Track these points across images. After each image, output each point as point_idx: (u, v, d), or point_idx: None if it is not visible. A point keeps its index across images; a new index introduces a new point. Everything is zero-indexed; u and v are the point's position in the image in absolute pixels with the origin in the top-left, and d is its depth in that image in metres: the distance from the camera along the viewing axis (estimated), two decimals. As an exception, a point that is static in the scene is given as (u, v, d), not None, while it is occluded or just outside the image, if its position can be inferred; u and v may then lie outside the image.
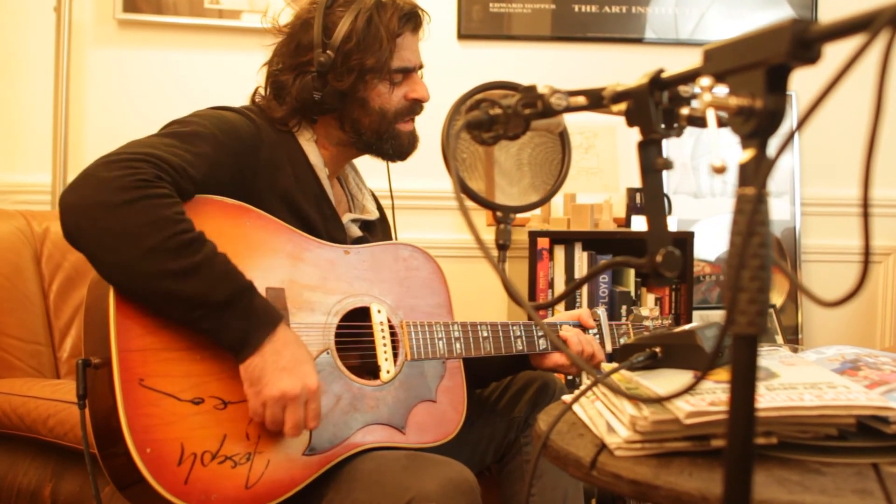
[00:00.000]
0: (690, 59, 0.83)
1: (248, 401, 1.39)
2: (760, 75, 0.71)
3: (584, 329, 1.87)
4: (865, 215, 0.70)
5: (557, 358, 1.82)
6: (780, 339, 3.04)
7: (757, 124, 0.72)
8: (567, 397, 1.28)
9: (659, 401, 1.04)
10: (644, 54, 3.18)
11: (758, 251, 0.70)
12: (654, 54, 3.17)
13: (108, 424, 1.32)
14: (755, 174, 0.71)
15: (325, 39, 1.66)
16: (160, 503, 1.30)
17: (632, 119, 0.93)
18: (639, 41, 3.17)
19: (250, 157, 1.58)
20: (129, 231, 1.32)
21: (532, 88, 0.99)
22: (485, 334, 1.73)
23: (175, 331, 1.38)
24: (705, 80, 0.76)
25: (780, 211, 3.14)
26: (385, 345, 1.63)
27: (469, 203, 1.16)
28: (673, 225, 2.81)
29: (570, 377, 2.61)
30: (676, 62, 0.88)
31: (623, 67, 3.11)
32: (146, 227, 1.32)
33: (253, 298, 1.39)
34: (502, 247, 1.24)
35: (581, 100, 0.97)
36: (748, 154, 0.72)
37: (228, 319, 1.36)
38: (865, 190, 0.68)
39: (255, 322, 1.38)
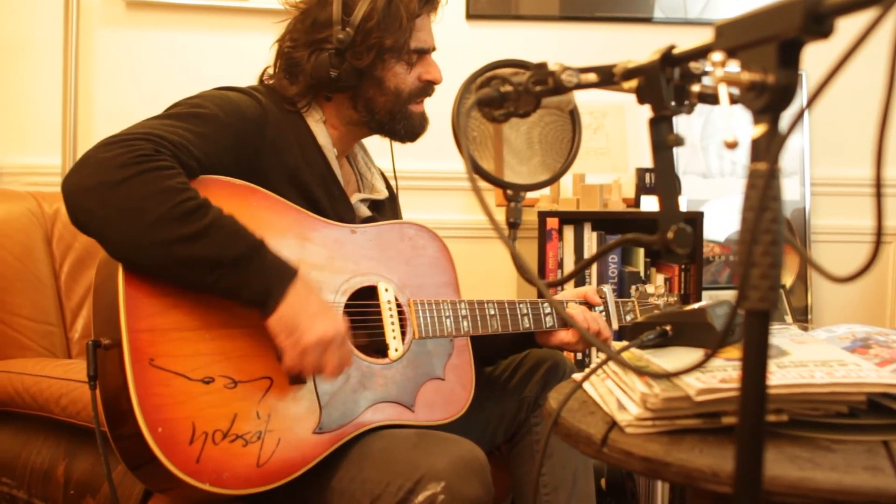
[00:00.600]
0: (699, 39, 0.83)
1: (286, 352, 1.41)
2: (773, 50, 0.71)
3: (590, 307, 1.87)
4: (878, 195, 0.70)
5: (563, 335, 1.82)
6: (789, 319, 3.04)
7: (769, 99, 0.71)
8: (577, 375, 1.28)
9: (669, 376, 1.04)
10: (653, 34, 3.16)
11: (770, 226, 0.70)
12: (663, 34, 3.15)
13: (119, 404, 1.33)
14: (767, 149, 0.71)
15: (344, 17, 1.65)
16: (172, 482, 1.31)
17: (643, 96, 0.93)
18: (647, 21, 3.16)
19: (255, 137, 1.58)
20: (134, 206, 1.32)
21: (543, 65, 0.99)
22: (492, 312, 1.74)
23: (184, 311, 1.39)
24: (717, 56, 0.76)
25: (789, 191, 3.13)
26: (393, 323, 1.64)
27: (479, 182, 1.16)
28: (682, 205, 2.80)
29: (579, 357, 2.62)
30: (685, 42, 0.88)
31: (631, 47, 3.09)
32: (150, 200, 1.32)
33: (266, 254, 1.40)
34: (513, 225, 1.24)
35: (592, 77, 0.97)
36: (760, 129, 0.72)
37: (246, 276, 1.37)
38: (878, 169, 0.68)
39: (274, 274, 1.40)
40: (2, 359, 2.06)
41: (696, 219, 2.65)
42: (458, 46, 2.85)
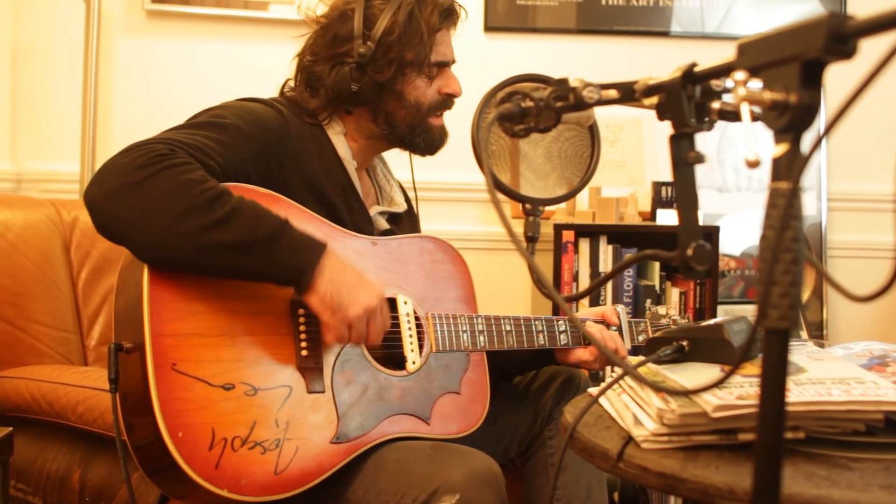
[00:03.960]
0: (717, 53, 0.83)
1: (331, 328, 1.44)
2: (795, 70, 0.72)
3: (608, 325, 1.87)
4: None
5: (581, 354, 1.83)
6: (804, 334, 3.03)
7: (791, 119, 0.72)
8: (593, 390, 1.29)
9: (688, 394, 1.04)
10: (670, 48, 3.16)
11: (791, 245, 0.71)
12: (680, 48, 3.15)
13: (140, 408, 1.33)
14: (789, 169, 0.71)
15: (365, 31, 1.67)
16: (190, 488, 1.32)
17: (663, 112, 0.93)
18: (665, 34, 3.16)
19: (276, 147, 1.59)
20: (158, 202, 1.34)
21: (564, 81, 0.99)
22: (508, 328, 1.74)
23: (207, 317, 1.40)
24: (740, 75, 0.77)
25: (806, 206, 3.12)
26: (411, 336, 1.64)
27: (497, 195, 1.17)
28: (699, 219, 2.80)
29: (594, 371, 2.61)
30: (703, 56, 0.88)
31: (649, 61, 3.10)
32: (172, 195, 1.34)
33: (293, 231, 1.41)
34: (531, 239, 1.24)
35: (613, 93, 0.98)
36: (782, 149, 0.72)
37: (277, 255, 1.38)
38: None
39: (303, 250, 1.41)
40: (19, 365, 2.07)
41: (711, 234, 2.65)
42: (476, 59, 2.86)
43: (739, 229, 3.11)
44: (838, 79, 1.25)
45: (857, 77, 0.66)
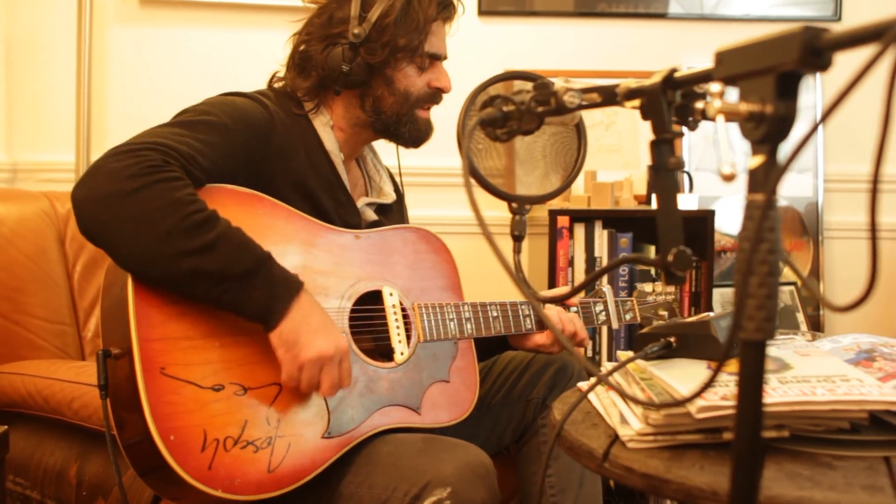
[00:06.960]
0: (714, 34, 0.83)
1: (284, 366, 1.41)
2: (771, 81, 0.72)
3: (567, 308, 1.88)
4: (874, 198, 0.70)
5: (538, 338, 1.84)
6: (800, 315, 3.03)
7: (767, 130, 0.72)
8: (583, 384, 1.29)
9: (678, 405, 1.04)
10: (668, 29, 3.13)
11: (766, 258, 0.71)
12: (678, 29, 3.12)
13: (131, 413, 1.34)
14: (765, 180, 0.71)
15: (362, 13, 1.68)
16: (184, 489, 1.33)
17: (646, 114, 0.93)
18: (663, 16, 3.14)
19: (262, 143, 1.59)
20: (145, 216, 1.34)
21: (547, 85, 0.99)
22: (494, 314, 1.76)
23: (194, 319, 1.41)
24: (716, 87, 0.77)
25: (802, 187, 3.12)
26: (398, 327, 1.65)
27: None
28: (694, 202, 2.79)
29: (590, 356, 2.62)
30: (700, 38, 0.88)
31: (647, 43, 3.08)
32: (160, 211, 1.34)
33: (273, 267, 1.41)
34: (517, 238, 1.24)
35: (595, 96, 0.98)
36: (758, 160, 0.72)
37: (252, 290, 1.38)
38: (876, 167, 0.68)
39: (279, 289, 1.41)
40: (16, 359, 2.09)
41: (707, 217, 2.64)
42: (470, 43, 2.85)
43: (737, 210, 3.11)
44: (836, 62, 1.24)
45: (854, 61, 0.66)
